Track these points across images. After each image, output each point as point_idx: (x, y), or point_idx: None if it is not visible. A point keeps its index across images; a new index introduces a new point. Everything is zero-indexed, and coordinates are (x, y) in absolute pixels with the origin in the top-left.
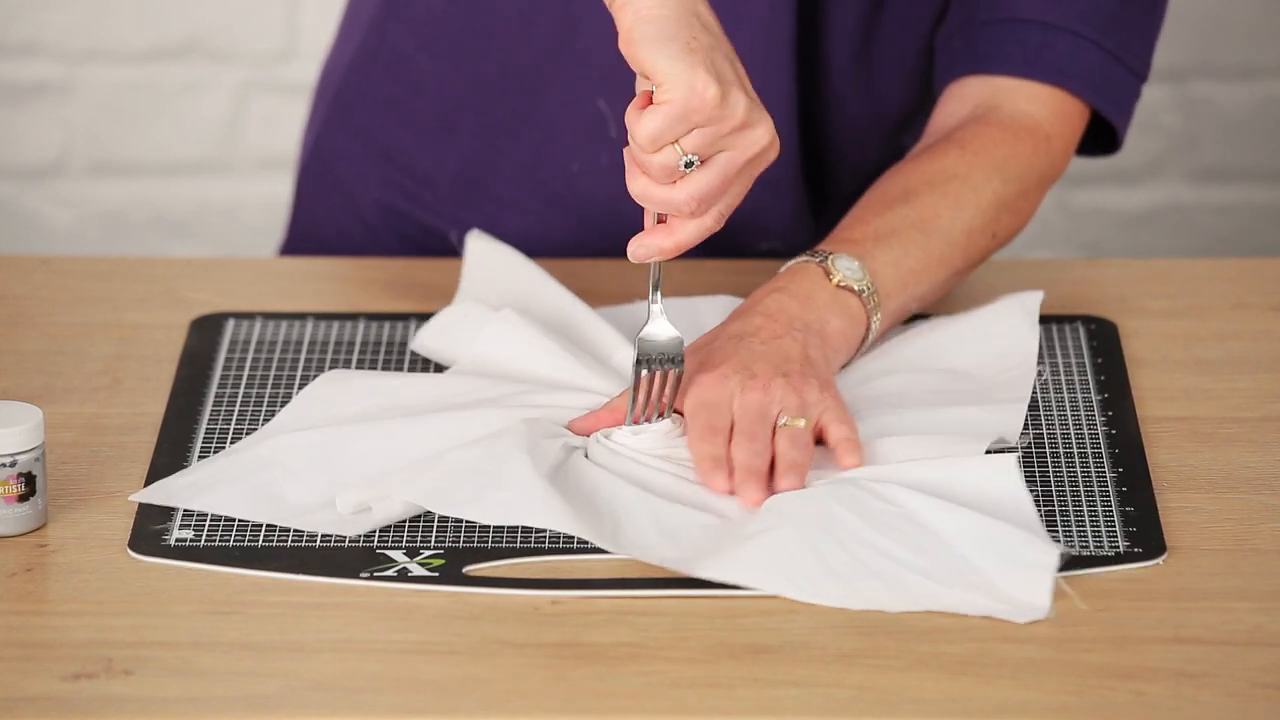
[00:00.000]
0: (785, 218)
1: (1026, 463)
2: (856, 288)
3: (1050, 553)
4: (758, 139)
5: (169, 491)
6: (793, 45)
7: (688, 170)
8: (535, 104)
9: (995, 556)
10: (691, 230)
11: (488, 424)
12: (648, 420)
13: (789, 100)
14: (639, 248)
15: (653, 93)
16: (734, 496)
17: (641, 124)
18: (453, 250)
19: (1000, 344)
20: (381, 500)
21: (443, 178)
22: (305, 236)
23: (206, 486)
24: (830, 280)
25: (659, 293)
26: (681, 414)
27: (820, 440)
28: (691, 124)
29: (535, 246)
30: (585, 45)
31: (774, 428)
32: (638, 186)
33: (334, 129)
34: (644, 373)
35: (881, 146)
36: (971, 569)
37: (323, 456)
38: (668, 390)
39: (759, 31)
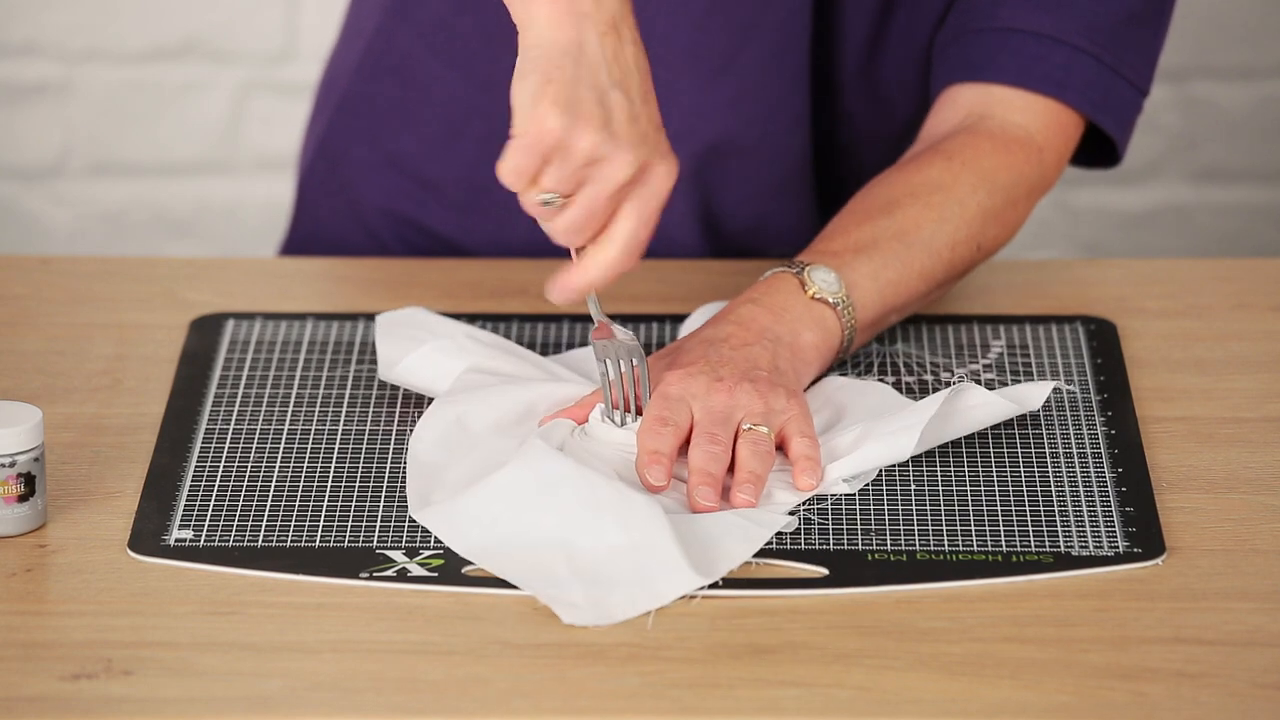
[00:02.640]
0: (797, 222)
1: (1026, 462)
2: (831, 300)
3: (683, 584)
4: (613, 174)
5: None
6: (807, 54)
7: (553, 207)
8: None
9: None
10: (594, 269)
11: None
12: (627, 411)
13: (803, 108)
14: (555, 290)
15: None
16: (660, 493)
17: (501, 164)
18: (460, 257)
19: (982, 417)
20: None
21: (449, 184)
22: (307, 239)
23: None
24: (805, 292)
25: (598, 307)
26: None
27: (781, 449)
28: (542, 158)
29: (541, 252)
30: None
31: (736, 432)
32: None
33: (339, 133)
34: (609, 368)
35: (888, 152)
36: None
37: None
38: (638, 382)
39: (775, 39)
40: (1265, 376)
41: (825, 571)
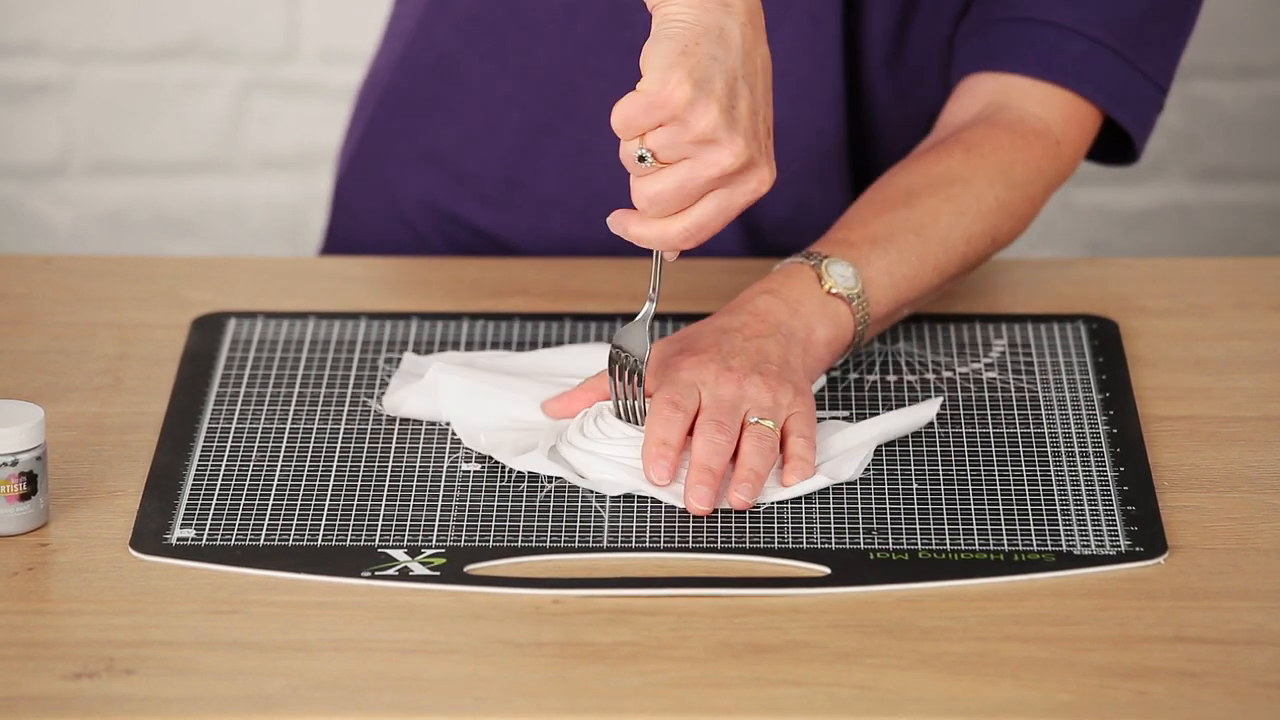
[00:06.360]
0: (833, 212)
1: (1028, 461)
2: (847, 295)
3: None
4: (720, 159)
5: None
6: (838, 41)
7: (645, 165)
8: (581, 98)
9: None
10: (653, 231)
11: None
12: (629, 412)
13: (835, 95)
14: (615, 221)
15: None
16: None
17: (615, 107)
18: (499, 250)
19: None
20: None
21: (486, 178)
22: (345, 238)
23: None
24: (822, 286)
25: (656, 292)
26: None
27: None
28: (657, 119)
29: (577, 247)
30: (632, 37)
31: (742, 424)
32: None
33: (379, 130)
34: (618, 375)
35: (917, 142)
36: None
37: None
38: (645, 383)
39: (804, 22)
40: (1267, 375)
41: (827, 570)
